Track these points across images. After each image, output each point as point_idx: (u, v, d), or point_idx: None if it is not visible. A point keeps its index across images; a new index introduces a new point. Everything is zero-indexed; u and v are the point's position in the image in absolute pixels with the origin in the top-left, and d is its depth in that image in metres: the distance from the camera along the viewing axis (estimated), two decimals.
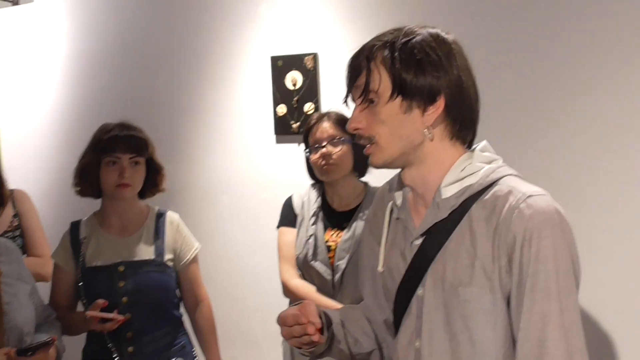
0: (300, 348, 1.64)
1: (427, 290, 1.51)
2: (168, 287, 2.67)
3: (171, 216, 2.77)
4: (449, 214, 1.48)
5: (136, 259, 2.61)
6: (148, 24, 4.13)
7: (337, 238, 2.75)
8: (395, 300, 1.59)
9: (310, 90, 3.63)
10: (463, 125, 1.51)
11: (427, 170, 1.52)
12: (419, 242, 1.53)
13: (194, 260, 2.76)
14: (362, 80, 1.48)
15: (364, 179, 2.86)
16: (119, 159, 2.58)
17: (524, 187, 1.45)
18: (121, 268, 2.57)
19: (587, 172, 2.90)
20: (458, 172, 1.50)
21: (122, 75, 4.21)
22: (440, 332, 1.49)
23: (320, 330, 1.60)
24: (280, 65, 3.70)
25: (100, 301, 2.48)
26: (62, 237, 2.71)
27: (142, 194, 2.72)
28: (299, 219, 2.85)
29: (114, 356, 2.53)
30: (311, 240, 2.76)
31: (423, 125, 1.47)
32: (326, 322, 1.66)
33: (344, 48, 3.61)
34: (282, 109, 3.69)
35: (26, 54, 4.60)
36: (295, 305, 1.63)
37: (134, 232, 2.67)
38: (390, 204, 1.66)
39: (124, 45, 4.21)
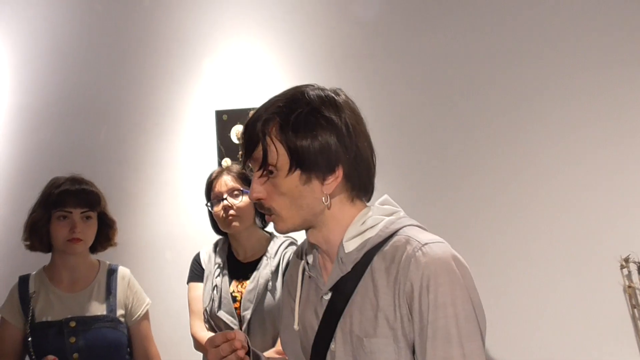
0: None
1: (337, 345, 1.52)
2: (120, 343, 2.63)
3: (122, 271, 2.75)
4: (352, 268, 1.50)
5: (88, 314, 2.57)
6: (92, 78, 4.12)
7: (242, 289, 2.80)
8: (311, 357, 1.60)
9: None
10: (362, 187, 1.54)
11: (329, 230, 1.54)
12: (328, 297, 1.55)
13: (145, 316, 2.75)
14: (259, 153, 1.48)
15: (269, 229, 2.94)
16: (70, 213, 2.57)
17: (421, 236, 1.47)
18: (72, 324, 2.53)
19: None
20: (358, 226, 1.52)
21: (65, 128, 4.17)
22: None
23: (247, 354, 1.59)
24: (226, 120, 3.76)
25: (51, 357, 2.44)
26: (9, 291, 2.66)
27: (94, 248, 2.71)
28: (205, 273, 2.90)
29: None
30: (216, 292, 2.80)
31: (322, 193, 1.49)
32: (252, 353, 1.65)
33: None
34: (226, 163, 3.73)
35: None
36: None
37: (84, 287, 2.64)
38: (302, 263, 1.67)
39: (67, 99, 4.17)
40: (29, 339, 2.54)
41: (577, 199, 3.27)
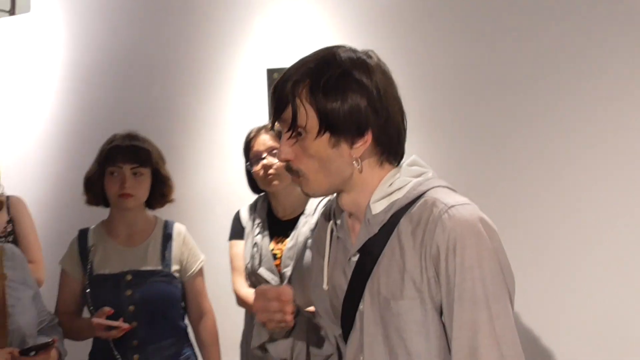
0: (264, 325, 1.64)
1: (365, 306, 1.52)
2: (174, 298, 2.69)
3: (178, 228, 2.79)
4: (379, 229, 1.49)
5: (144, 268, 2.63)
6: (143, 35, 4.16)
7: (282, 246, 2.82)
8: (341, 317, 1.61)
9: None
10: (392, 151, 1.51)
11: (357, 194, 1.53)
12: (355, 258, 1.55)
13: (200, 272, 2.79)
14: (288, 114, 1.47)
15: None
16: (120, 168, 2.60)
17: (448, 198, 1.45)
18: (129, 277, 2.59)
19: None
20: (386, 187, 1.51)
21: (117, 85, 4.23)
22: (380, 345, 1.50)
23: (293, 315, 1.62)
24: (276, 78, 3.75)
25: (107, 309, 2.51)
26: (69, 244, 2.73)
27: (150, 205, 2.74)
28: (246, 231, 2.93)
29: None
30: (256, 250, 2.83)
31: (351, 157, 1.47)
32: (296, 311, 1.67)
33: None
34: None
35: (23, 63, 4.61)
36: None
37: (141, 241, 2.69)
38: (330, 223, 1.66)
39: (120, 56, 4.23)
40: (87, 290, 2.61)
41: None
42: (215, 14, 3.94)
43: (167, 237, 2.73)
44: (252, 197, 3.52)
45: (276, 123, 1.53)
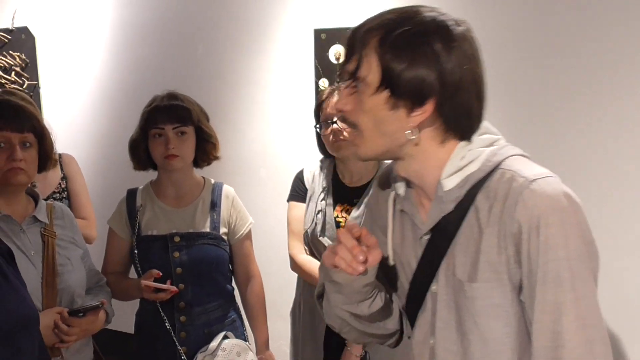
0: (336, 267, 1.42)
1: (440, 287, 1.45)
2: (222, 260, 2.66)
3: (227, 190, 2.75)
4: (455, 207, 1.41)
5: (192, 230, 2.60)
6: None
7: (346, 214, 2.74)
8: (408, 295, 1.54)
9: None
10: (458, 128, 1.40)
11: (421, 166, 1.43)
12: (428, 236, 1.47)
13: (248, 235, 2.75)
14: (353, 63, 1.38)
15: None
16: (163, 130, 2.56)
17: (528, 171, 1.35)
18: (177, 239, 2.57)
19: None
20: (458, 160, 1.40)
21: (164, 44, 4.22)
22: (453, 331, 1.44)
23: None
24: (324, 39, 3.69)
25: (155, 271, 2.50)
26: (118, 203, 2.71)
27: (197, 163, 2.70)
28: (309, 194, 2.83)
29: (166, 325, 2.56)
30: (320, 216, 2.75)
31: (407, 125, 1.37)
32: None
33: None
34: (323, 83, 3.69)
35: (70, 21, 4.60)
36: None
37: (189, 203, 2.66)
38: (392, 193, 1.57)
39: (166, 15, 4.21)
40: (135, 251, 2.60)
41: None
42: None
43: (215, 199, 2.69)
44: (299, 159, 3.50)
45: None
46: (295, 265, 2.82)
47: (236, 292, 2.80)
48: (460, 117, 1.38)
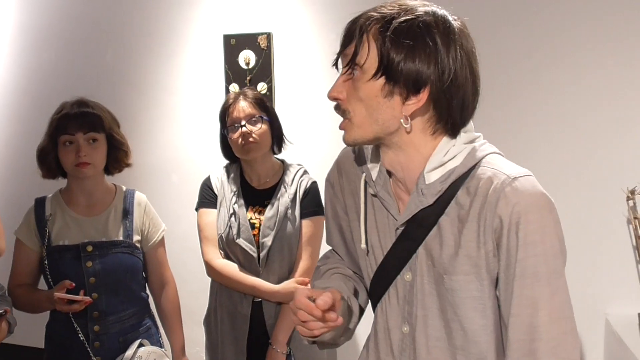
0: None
1: (417, 277, 1.49)
2: (136, 269, 2.64)
3: (139, 197, 2.73)
4: (435, 200, 1.45)
5: (105, 239, 2.57)
6: None
7: (259, 215, 2.78)
8: (372, 280, 1.59)
9: (264, 69, 3.66)
10: (449, 122, 1.44)
11: (407, 157, 1.47)
12: (402, 227, 1.51)
13: (161, 242, 2.75)
14: (351, 49, 1.41)
15: (280, 156, 2.93)
16: (73, 137, 2.52)
17: (508, 169, 1.42)
18: (89, 248, 2.53)
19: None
20: (441, 156, 1.45)
21: (70, 49, 4.12)
22: (436, 319, 1.49)
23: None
24: (234, 44, 3.71)
25: (67, 282, 2.44)
26: (26, 213, 2.64)
27: (108, 171, 2.67)
28: (219, 199, 2.85)
29: (79, 335, 2.51)
30: (234, 219, 2.77)
31: (401, 114, 1.41)
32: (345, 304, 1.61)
33: (298, 28, 3.65)
34: (234, 88, 3.70)
35: None
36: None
37: (101, 211, 2.63)
38: (363, 176, 1.60)
39: (72, 20, 4.11)
40: (45, 262, 2.54)
41: (584, 129, 3.25)
42: None
43: (128, 207, 2.67)
44: (210, 164, 3.49)
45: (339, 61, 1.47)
46: (212, 271, 2.82)
47: (150, 300, 2.78)
48: (454, 109, 1.42)
